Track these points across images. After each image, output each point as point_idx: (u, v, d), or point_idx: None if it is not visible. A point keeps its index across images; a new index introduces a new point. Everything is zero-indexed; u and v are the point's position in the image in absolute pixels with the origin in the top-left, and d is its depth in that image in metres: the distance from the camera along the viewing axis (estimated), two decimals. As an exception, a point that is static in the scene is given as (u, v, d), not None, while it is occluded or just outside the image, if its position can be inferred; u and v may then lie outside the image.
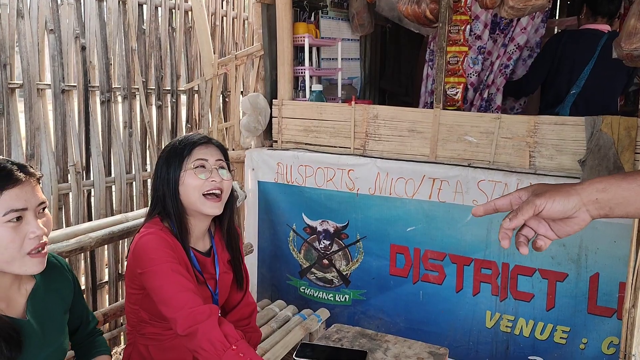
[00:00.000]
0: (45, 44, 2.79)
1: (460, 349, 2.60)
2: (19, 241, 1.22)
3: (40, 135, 2.77)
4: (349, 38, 3.77)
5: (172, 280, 1.52)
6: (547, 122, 2.40)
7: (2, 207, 1.19)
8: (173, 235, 1.65)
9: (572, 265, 2.32)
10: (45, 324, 1.37)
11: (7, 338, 1.23)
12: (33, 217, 1.24)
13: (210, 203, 1.64)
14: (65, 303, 1.47)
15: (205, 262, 1.74)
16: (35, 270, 1.27)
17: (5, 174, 1.21)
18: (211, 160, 1.66)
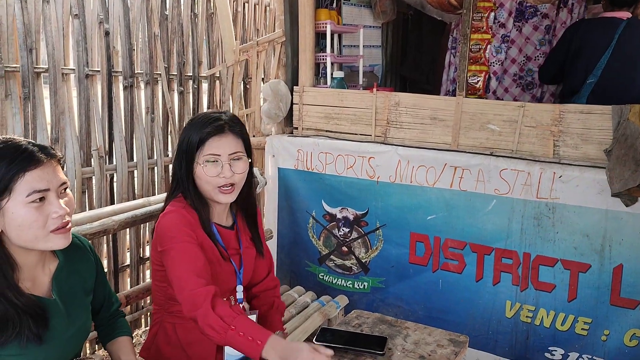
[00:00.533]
0: (69, 29, 2.81)
1: (479, 339, 2.59)
2: (42, 221, 1.24)
3: (64, 119, 2.81)
4: (370, 25, 3.75)
5: (183, 260, 1.56)
6: (573, 111, 2.36)
7: (25, 188, 1.22)
8: (196, 212, 1.68)
9: (595, 256, 2.29)
10: (69, 303, 1.40)
11: (35, 316, 1.26)
12: (55, 197, 1.27)
13: (223, 195, 1.66)
14: (87, 283, 1.50)
15: (229, 237, 1.77)
16: (61, 245, 1.29)
17: (27, 155, 1.23)
18: (224, 155, 1.64)
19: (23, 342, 1.24)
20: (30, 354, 1.27)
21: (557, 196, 2.33)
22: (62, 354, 1.38)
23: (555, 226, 2.35)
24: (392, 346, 1.57)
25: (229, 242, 1.77)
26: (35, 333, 1.25)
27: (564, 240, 2.34)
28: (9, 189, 1.21)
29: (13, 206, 1.21)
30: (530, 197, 2.39)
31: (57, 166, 1.30)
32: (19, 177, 1.21)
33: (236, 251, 1.79)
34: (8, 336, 1.22)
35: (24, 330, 1.23)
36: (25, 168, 1.22)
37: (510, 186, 2.43)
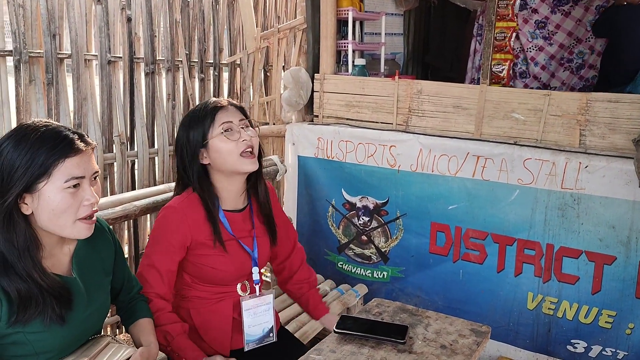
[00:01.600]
0: (92, 15, 2.82)
1: (500, 330, 2.56)
2: (75, 207, 1.27)
3: (87, 105, 2.83)
4: (392, 12, 3.70)
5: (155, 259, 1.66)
6: (601, 100, 2.30)
7: (64, 173, 1.24)
8: (203, 201, 1.69)
9: (621, 248, 2.24)
10: (88, 282, 1.42)
11: (58, 297, 1.28)
12: (88, 185, 1.30)
13: (248, 160, 1.67)
14: (106, 264, 1.52)
15: (240, 219, 1.76)
16: (84, 235, 1.32)
17: (68, 142, 1.26)
18: (235, 121, 1.67)
19: (47, 321, 1.26)
20: (53, 331, 1.29)
21: (583, 187, 2.29)
22: (82, 332, 1.40)
23: (580, 217, 2.31)
24: (413, 335, 1.56)
25: (239, 226, 1.76)
26: (58, 314, 1.27)
27: (589, 232, 2.30)
28: (48, 173, 1.23)
29: (50, 190, 1.24)
30: (555, 188, 2.35)
31: (92, 155, 1.33)
32: (59, 163, 1.24)
33: (248, 233, 1.78)
34: (31, 314, 1.24)
35: (47, 310, 1.25)
36: (66, 154, 1.25)
37: (534, 176, 2.39)
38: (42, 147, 1.24)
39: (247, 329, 1.76)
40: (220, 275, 1.71)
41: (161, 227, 1.67)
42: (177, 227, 1.65)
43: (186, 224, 1.65)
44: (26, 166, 1.22)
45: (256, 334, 1.79)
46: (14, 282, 1.23)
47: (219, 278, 1.72)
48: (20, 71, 2.52)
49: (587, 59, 3.45)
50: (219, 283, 1.73)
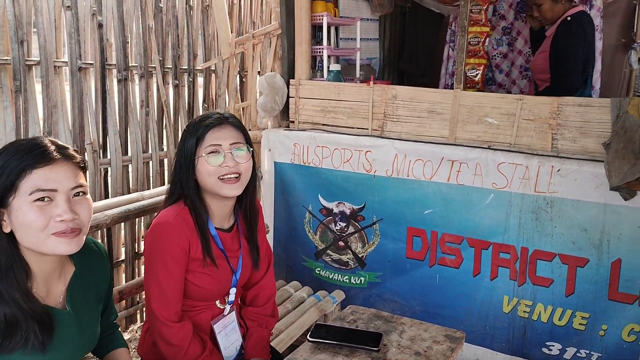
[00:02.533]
0: (62, 21, 2.77)
1: (476, 334, 2.57)
2: (43, 222, 1.18)
3: (57, 113, 2.77)
4: (368, 18, 3.72)
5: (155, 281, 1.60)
6: (571, 104, 2.33)
7: (29, 185, 1.17)
8: (193, 215, 1.64)
9: (593, 251, 2.27)
10: (82, 313, 1.36)
11: (41, 323, 1.22)
12: (64, 200, 1.20)
13: (228, 185, 1.61)
14: (101, 292, 1.47)
15: (228, 239, 1.74)
16: (63, 251, 1.23)
17: (39, 152, 1.19)
18: (225, 144, 1.61)
19: (28, 348, 1.19)
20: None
21: (555, 190, 2.31)
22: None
23: (554, 220, 2.33)
24: (387, 342, 1.55)
25: (228, 245, 1.73)
26: (40, 340, 1.21)
27: (562, 235, 2.32)
28: (15, 186, 1.17)
29: (18, 204, 1.17)
30: (528, 191, 2.37)
31: (75, 169, 1.24)
32: (25, 174, 1.17)
33: (235, 253, 1.75)
34: (16, 342, 1.17)
35: (30, 336, 1.19)
36: (34, 165, 1.17)
37: (508, 180, 2.41)
38: (12, 158, 1.17)
39: (224, 352, 1.73)
40: (202, 292, 1.68)
41: (160, 244, 1.60)
42: (178, 242, 1.59)
43: (184, 238, 1.60)
44: None
45: (232, 355, 1.77)
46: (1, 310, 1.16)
47: (200, 294, 1.68)
48: (-13, 79, 2.46)
49: None
50: (197, 299, 1.70)
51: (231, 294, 1.75)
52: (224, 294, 1.75)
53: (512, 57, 3.60)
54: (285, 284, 2.92)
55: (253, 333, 1.82)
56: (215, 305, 1.74)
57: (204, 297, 1.70)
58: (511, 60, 3.60)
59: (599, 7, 3.31)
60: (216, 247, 1.68)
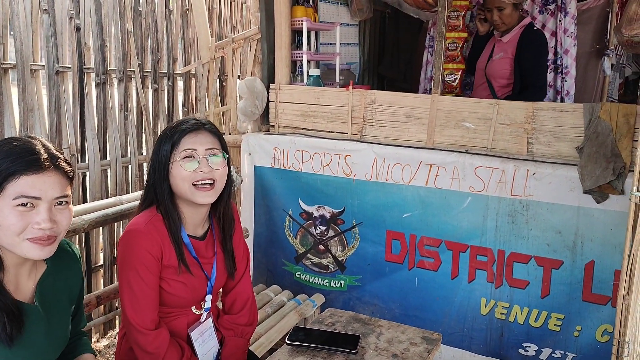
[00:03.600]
0: (38, 24, 2.75)
1: (454, 336, 2.60)
2: (20, 227, 1.20)
3: (34, 117, 2.74)
4: (347, 23, 3.74)
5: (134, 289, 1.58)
6: (546, 109, 2.38)
7: (15, 190, 1.19)
8: (167, 221, 1.63)
9: (567, 253, 2.31)
10: (52, 312, 1.36)
11: (10, 315, 1.22)
12: (46, 208, 1.22)
13: (201, 192, 1.59)
14: (72, 293, 1.46)
15: (202, 246, 1.72)
16: (34, 256, 1.24)
17: (31, 159, 1.21)
18: (200, 149, 1.60)
19: None
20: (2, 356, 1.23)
21: (531, 193, 2.35)
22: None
23: (529, 223, 2.37)
24: (365, 345, 1.57)
25: (201, 252, 1.71)
26: (7, 333, 1.21)
27: (538, 237, 2.36)
28: (1, 188, 1.19)
29: (1, 205, 1.19)
30: (505, 195, 2.41)
31: (62, 179, 1.26)
32: (13, 178, 1.19)
33: (209, 260, 1.74)
34: None
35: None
36: (22, 171, 1.19)
37: (485, 184, 2.44)
38: (4, 160, 1.19)
39: (202, 358, 1.72)
40: (175, 300, 1.66)
41: (132, 252, 1.58)
42: (149, 249, 1.58)
43: (156, 245, 1.59)
44: None
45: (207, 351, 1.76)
46: None
47: (174, 302, 1.67)
48: (-39, 82, 2.43)
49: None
50: (172, 306, 1.68)
51: (207, 300, 1.74)
52: (199, 300, 1.73)
53: None
54: (265, 288, 2.92)
55: (229, 342, 1.80)
56: (190, 312, 1.72)
57: (178, 304, 1.68)
58: None
59: (573, 14, 3.38)
60: (189, 254, 1.67)
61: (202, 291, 1.72)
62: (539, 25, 3.49)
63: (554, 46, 3.46)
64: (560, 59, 3.43)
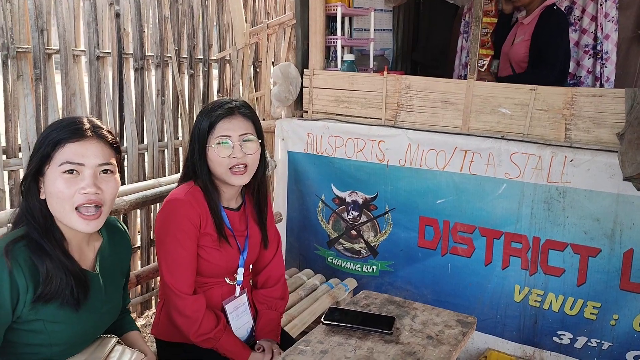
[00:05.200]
0: (80, 11, 2.81)
1: (487, 322, 2.59)
2: (68, 193, 1.27)
3: (75, 101, 2.82)
4: (382, 9, 3.72)
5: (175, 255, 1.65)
6: (585, 94, 2.33)
7: (61, 157, 1.27)
8: (203, 194, 1.71)
9: (605, 241, 2.28)
10: (108, 281, 1.46)
11: (78, 280, 1.31)
12: (90, 175, 1.29)
13: (236, 176, 1.68)
14: (123, 267, 1.56)
15: (236, 218, 1.80)
16: (81, 229, 1.31)
17: (74, 128, 1.29)
18: (234, 135, 1.67)
19: (63, 303, 1.28)
20: (65, 321, 1.31)
21: (568, 180, 2.32)
22: (95, 328, 1.42)
23: (566, 210, 2.34)
24: (400, 326, 1.58)
25: (235, 224, 1.80)
26: (75, 297, 1.30)
27: (574, 225, 2.33)
28: (50, 157, 1.27)
29: (50, 173, 1.27)
30: (541, 181, 2.38)
31: (105, 147, 1.33)
32: (59, 147, 1.27)
33: (242, 233, 1.81)
34: (53, 293, 1.26)
35: (66, 291, 1.28)
36: (68, 140, 1.27)
37: (521, 170, 2.42)
38: (52, 132, 1.29)
39: (236, 332, 1.78)
40: (211, 268, 1.74)
41: (172, 220, 1.66)
42: (189, 217, 1.66)
43: (195, 213, 1.67)
44: (38, 147, 1.28)
45: (243, 336, 1.81)
46: (44, 260, 1.26)
47: (209, 270, 1.74)
48: (7, 67, 2.51)
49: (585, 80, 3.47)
50: (206, 275, 1.75)
51: (239, 273, 1.81)
52: (232, 271, 1.81)
53: (574, 37, 3.49)
54: (298, 272, 2.96)
55: (263, 316, 1.88)
56: (224, 282, 1.79)
57: (212, 272, 1.75)
58: (573, 40, 3.48)
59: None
60: (224, 225, 1.75)
61: (234, 262, 1.79)
62: (579, 9, 3.40)
63: (594, 31, 3.38)
64: (601, 45, 3.35)
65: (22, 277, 1.23)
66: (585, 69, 3.45)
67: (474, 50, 2.60)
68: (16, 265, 1.22)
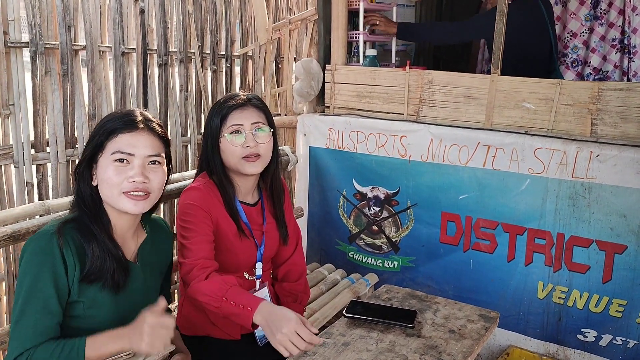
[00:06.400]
0: (106, 7, 2.86)
1: (510, 319, 2.57)
2: (118, 180, 1.35)
3: (101, 96, 2.86)
4: (404, 4, 3.70)
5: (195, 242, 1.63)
6: (612, 89, 2.30)
7: (113, 146, 1.35)
8: (217, 188, 1.73)
9: (632, 237, 2.24)
10: (147, 275, 1.52)
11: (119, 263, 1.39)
12: (139, 164, 1.37)
13: (249, 163, 1.70)
14: (163, 264, 1.62)
15: (253, 213, 1.81)
16: (128, 209, 1.38)
17: (127, 120, 1.38)
18: (246, 124, 1.70)
19: (105, 285, 1.35)
20: (103, 306, 1.37)
21: (594, 176, 2.28)
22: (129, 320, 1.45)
23: (591, 206, 2.31)
24: (422, 320, 1.58)
25: (253, 219, 1.81)
26: (116, 281, 1.37)
27: (600, 221, 2.30)
28: (103, 146, 1.36)
29: (103, 161, 1.36)
30: (566, 177, 2.35)
31: (154, 140, 1.40)
32: (112, 137, 1.36)
33: (259, 227, 1.83)
34: (97, 274, 1.33)
35: (108, 273, 1.35)
36: (121, 130, 1.36)
37: (545, 165, 2.39)
38: (107, 122, 1.37)
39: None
40: (228, 261, 1.75)
41: (189, 206, 1.68)
42: (206, 205, 1.68)
43: (212, 203, 1.70)
44: (93, 136, 1.37)
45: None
46: (91, 242, 1.34)
47: (227, 264, 1.75)
48: (36, 62, 2.56)
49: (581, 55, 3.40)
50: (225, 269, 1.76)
51: (257, 268, 1.82)
52: (251, 266, 1.82)
53: (600, 31, 3.44)
54: (319, 267, 2.97)
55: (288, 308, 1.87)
56: (243, 277, 1.80)
57: (231, 267, 1.77)
58: (600, 34, 3.43)
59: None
60: (241, 219, 1.76)
61: (252, 257, 1.80)
62: (606, 2, 3.34)
63: (621, 25, 3.32)
64: (628, 39, 3.28)
65: (70, 255, 1.31)
66: (612, 63, 3.38)
67: (498, 44, 2.58)
68: (66, 244, 1.31)
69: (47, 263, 1.29)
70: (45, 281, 1.28)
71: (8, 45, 2.45)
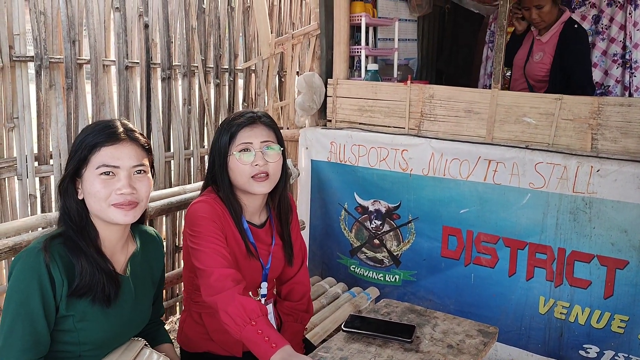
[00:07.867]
0: (111, 22, 2.89)
1: (511, 334, 2.56)
2: (105, 193, 1.34)
3: (105, 110, 2.89)
4: (406, 18, 3.73)
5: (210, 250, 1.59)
6: (613, 104, 2.30)
7: (97, 160, 1.34)
8: (224, 205, 1.70)
9: (633, 253, 2.23)
10: (138, 286, 1.50)
11: (109, 276, 1.38)
12: (125, 176, 1.36)
13: (258, 183, 1.66)
14: (154, 276, 1.60)
15: (258, 234, 1.78)
16: (119, 220, 1.37)
17: (109, 132, 1.36)
18: (256, 142, 1.66)
19: (95, 299, 1.34)
20: (94, 319, 1.36)
21: (595, 190, 2.28)
22: (122, 331, 1.46)
23: (592, 221, 2.30)
24: (420, 334, 1.58)
25: (260, 238, 1.78)
26: (106, 294, 1.36)
27: (601, 236, 2.29)
28: (87, 160, 1.34)
29: (88, 175, 1.34)
30: (567, 192, 2.35)
31: (138, 149, 1.40)
32: (95, 150, 1.34)
33: (267, 247, 1.80)
34: (86, 288, 1.32)
35: (97, 287, 1.34)
36: (103, 143, 1.35)
37: (546, 180, 2.39)
38: (88, 136, 1.36)
39: None
40: None
41: (199, 219, 1.63)
42: (216, 218, 1.64)
43: (223, 218, 1.67)
44: (75, 151, 1.36)
45: None
46: (79, 257, 1.33)
47: None
48: (41, 76, 2.59)
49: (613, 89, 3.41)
50: None
51: (262, 287, 1.80)
52: (255, 286, 1.80)
53: (602, 46, 3.45)
54: (321, 280, 2.96)
55: (288, 328, 1.85)
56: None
57: None
58: (601, 49, 3.45)
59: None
60: (248, 240, 1.73)
61: (257, 277, 1.78)
62: (607, 18, 3.36)
63: (622, 40, 3.34)
64: (630, 54, 3.30)
65: (57, 271, 1.30)
66: (614, 78, 3.40)
67: (498, 59, 2.59)
68: (52, 260, 1.30)
69: (34, 281, 1.27)
70: (34, 300, 1.27)
71: (13, 59, 2.48)
